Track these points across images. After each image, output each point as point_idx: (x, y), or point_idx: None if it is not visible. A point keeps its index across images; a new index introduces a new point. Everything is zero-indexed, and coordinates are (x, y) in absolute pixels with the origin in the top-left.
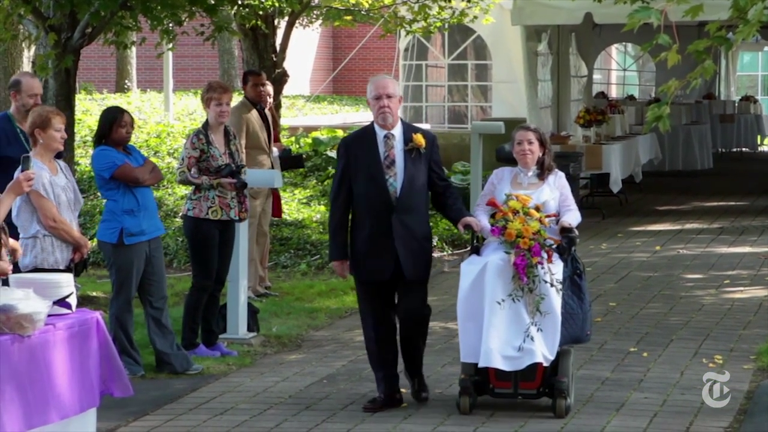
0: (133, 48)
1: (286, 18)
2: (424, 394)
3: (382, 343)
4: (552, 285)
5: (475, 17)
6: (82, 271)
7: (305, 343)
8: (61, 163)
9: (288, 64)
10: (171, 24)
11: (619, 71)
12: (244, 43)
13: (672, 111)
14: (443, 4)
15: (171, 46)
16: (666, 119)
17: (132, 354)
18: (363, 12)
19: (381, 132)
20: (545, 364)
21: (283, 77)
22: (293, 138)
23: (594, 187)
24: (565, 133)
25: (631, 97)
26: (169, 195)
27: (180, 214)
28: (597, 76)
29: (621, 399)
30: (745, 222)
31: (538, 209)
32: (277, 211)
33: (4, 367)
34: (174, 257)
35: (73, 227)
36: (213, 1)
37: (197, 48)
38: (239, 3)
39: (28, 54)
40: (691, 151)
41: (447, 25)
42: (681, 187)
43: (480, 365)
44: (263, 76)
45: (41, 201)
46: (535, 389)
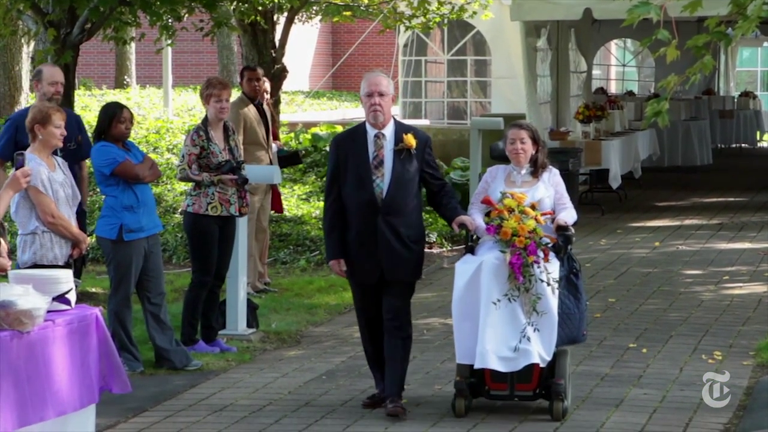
0: (133, 44)
1: (285, 14)
2: (391, 406)
3: (376, 343)
4: (548, 284)
5: (475, 13)
6: (82, 269)
7: (304, 339)
8: (59, 159)
9: (287, 59)
10: (170, 20)
11: (619, 67)
12: (243, 39)
13: (671, 107)
14: None
15: (170, 41)
16: (665, 115)
17: (131, 350)
18: (362, 8)
19: (372, 131)
20: (542, 364)
21: (283, 73)
22: (292, 134)
23: (593, 183)
24: (565, 129)
25: (631, 93)
26: (169, 191)
27: (180, 210)
28: (596, 71)
29: (620, 395)
30: (745, 218)
31: (533, 207)
32: (278, 207)
33: (3, 364)
34: (173, 253)
35: (72, 223)
36: None
37: (196, 44)
38: None
39: (27, 50)
40: (691, 147)
41: (446, 21)
42: (680, 183)
43: (475, 366)
44: (258, 71)
45: (40, 197)
46: (532, 391)
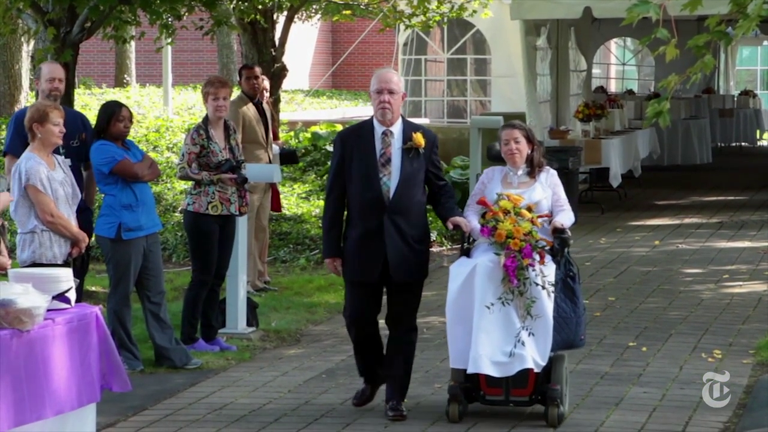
0: (132, 42)
1: (285, 12)
2: (391, 414)
3: (361, 344)
4: (543, 287)
5: (474, 11)
6: (85, 269)
7: (304, 338)
8: (59, 158)
9: (287, 58)
10: (170, 18)
11: (619, 66)
12: (243, 38)
13: (671, 105)
14: None
15: (170, 40)
16: (666, 115)
17: (131, 348)
18: (362, 6)
19: (379, 128)
20: (536, 369)
21: (282, 72)
22: (292, 132)
23: (593, 182)
24: (565, 128)
25: (630, 92)
26: (168, 190)
27: (180, 208)
28: (596, 70)
29: (620, 394)
30: (744, 216)
31: (530, 209)
32: (277, 206)
33: (2, 363)
34: (173, 252)
35: (72, 222)
36: None
37: (196, 42)
38: None
39: (27, 48)
40: (690, 146)
41: (446, 20)
42: (680, 182)
43: (468, 371)
44: (256, 69)
45: (39, 196)
46: (528, 396)
